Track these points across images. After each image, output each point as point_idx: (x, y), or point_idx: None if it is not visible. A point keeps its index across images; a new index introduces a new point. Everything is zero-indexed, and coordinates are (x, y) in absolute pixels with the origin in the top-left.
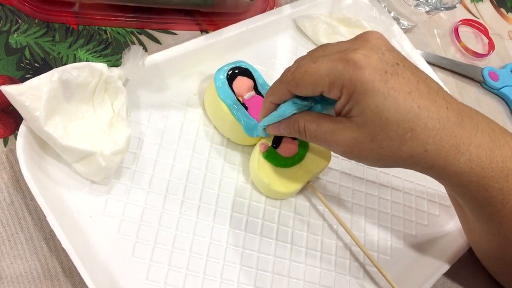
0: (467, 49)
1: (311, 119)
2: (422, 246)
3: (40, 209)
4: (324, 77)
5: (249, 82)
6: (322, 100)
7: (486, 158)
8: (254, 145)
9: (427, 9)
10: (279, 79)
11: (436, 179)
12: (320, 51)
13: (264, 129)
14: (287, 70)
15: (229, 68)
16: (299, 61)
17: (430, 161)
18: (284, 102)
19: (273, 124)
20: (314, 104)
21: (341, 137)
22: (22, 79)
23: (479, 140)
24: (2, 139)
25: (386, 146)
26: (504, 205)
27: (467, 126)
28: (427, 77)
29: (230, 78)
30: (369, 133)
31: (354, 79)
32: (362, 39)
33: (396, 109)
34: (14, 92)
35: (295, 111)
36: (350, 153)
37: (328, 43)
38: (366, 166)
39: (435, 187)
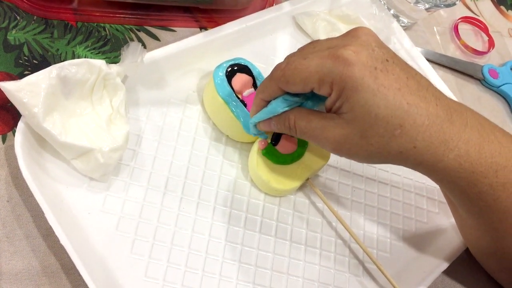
0: (467, 46)
1: (302, 115)
2: (421, 243)
3: (39, 206)
4: (314, 74)
5: (248, 79)
6: (313, 96)
7: (475, 154)
8: (253, 142)
9: (427, 6)
10: (269, 76)
11: (426, 175)
12: (310, 48)
13: (255, 126)
14: (277, 67)
15: (228, 65)
16: (289, 58)
17: (419, 158)
18: (274, 98)
19: (264, 120)
20: (304, 100)
21: (331, 133)
22: (21, 76)
23: (468, 136)
24: (0, 135)
25: (375, 143)
26: (494, 200)
27: (456, 122)
28: (416, 73)
29: (229, 75)
30: (359, 129)
31: (344, 76)
32: (352, 35)
33: (385, 106)
34: (12, 88)
35: (286, 108)
36: (340, 150)
37: (318, 39)
38: (366, 164)
39: (435, 185)
